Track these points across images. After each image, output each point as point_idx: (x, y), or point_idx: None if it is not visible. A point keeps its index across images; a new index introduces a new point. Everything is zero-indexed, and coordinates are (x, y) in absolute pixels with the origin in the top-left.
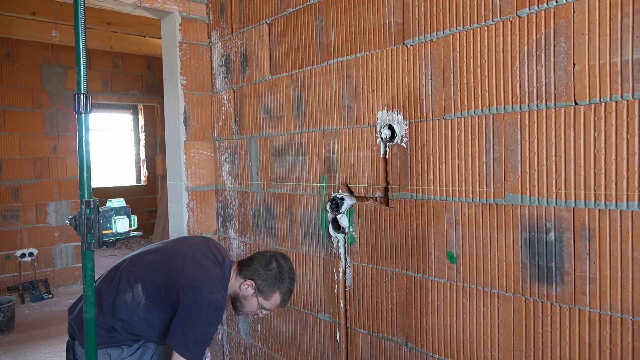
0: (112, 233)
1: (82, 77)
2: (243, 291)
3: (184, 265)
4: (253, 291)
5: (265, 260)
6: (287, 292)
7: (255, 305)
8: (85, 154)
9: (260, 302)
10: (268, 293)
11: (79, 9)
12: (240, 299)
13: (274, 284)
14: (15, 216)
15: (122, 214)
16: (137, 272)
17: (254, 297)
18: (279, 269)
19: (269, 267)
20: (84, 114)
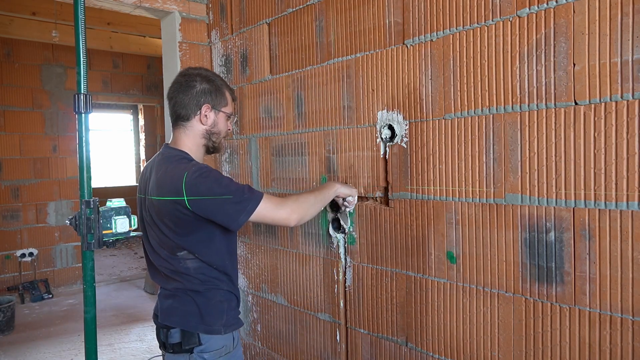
0: (112, 233)
1: (82, 77)
2: (206, 122)
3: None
4: (212, 111)
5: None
6: (224, 82)
7: (223, 121)
8: (85, 154)
9: (224, 112)
10: (221, 98)
11: (79, 9)
12: (212, 131)
13: (216, 88)
14: (15, 216)
15: (122, 214)
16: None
17: (218, 114)
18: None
19: (197, 83)
20: (84, 114)
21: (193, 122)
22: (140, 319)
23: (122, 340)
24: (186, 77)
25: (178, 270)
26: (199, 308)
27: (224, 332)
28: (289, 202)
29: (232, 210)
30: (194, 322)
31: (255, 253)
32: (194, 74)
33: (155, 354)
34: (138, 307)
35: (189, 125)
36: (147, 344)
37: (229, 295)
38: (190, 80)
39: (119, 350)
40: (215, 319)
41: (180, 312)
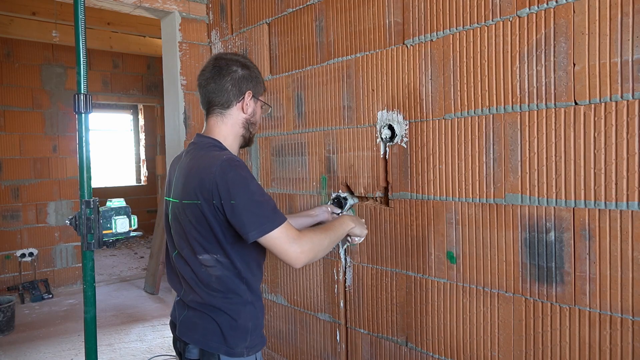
0: (112, 233)
1: (82, 77)
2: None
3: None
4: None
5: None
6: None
7: (259, 111)
8: (85, 154)
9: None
10: (260, 86)
11: (79, 9)
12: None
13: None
14: (15, 216)
15: (122, 214)
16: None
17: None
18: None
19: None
20: (84, 114)
21: (233, 109)
22: (140, 319)
23: (122, 340)
24: (225, 61)
25: (199, 279)
26: (222, 328)
27: (247, 354)
28: (305, 241)
29: (248, 221)
30: (215, 343)
31: None
32: (232, 59)
33: (155, 354)
34: (138, 307)
35: (228, 113)
36: (147, 344)
37: (253, 312)
38: (229, 64)
39: (119, 350)
40: (239, 341)
41: (201, 329)
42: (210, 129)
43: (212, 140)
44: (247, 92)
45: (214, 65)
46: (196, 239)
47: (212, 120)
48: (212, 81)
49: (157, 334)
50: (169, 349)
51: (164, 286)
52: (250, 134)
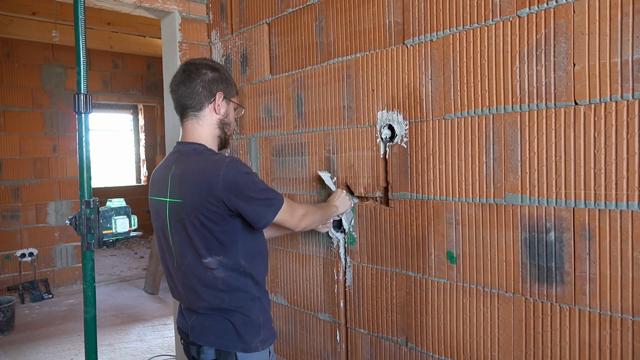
0: (112, 233)
1: (82, 77)
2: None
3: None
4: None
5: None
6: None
7: (232, 112)
8: (85, 154)
9: (235, 101)
10: (230, 88)
11: (79, 9)
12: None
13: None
14: (15, 216)
15: (122, 214)
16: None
17: (229, 104)
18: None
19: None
20: (84, 114)
21: (206, 111)
22: (140, 319)
23: (122, 340)
24: (194, 66)
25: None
26: (236, 326)
27: (262, 348)
28: (301, 210)
29: (261, 209)
30: (230, 342)
31: None
32: (201, 63)
33: (155, 354)
34: (138, 307)
35: (202, 115)
36: (147, 344)
37: (261, 306)
38: (199, 68)
39: (119, 350)
40: (253, 337)
41: (215, 330)
42: (189, 133)
43: (198, 145)
44: (218, 93)
45: (184, 69)
46: (201, 243)
47: (188, 124)
48: (183, 85)
49: (157, 334)
50: (169, 349)
51: (164, 286)
52: (225, 135)
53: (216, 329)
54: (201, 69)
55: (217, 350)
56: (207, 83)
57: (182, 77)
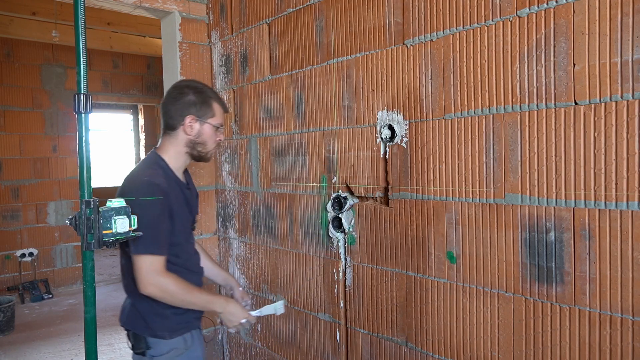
0: (112, 233)
1: (82, 77)
2: (191, 132)
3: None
4: (197, 122)
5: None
6: (215, 94)
7: (209, 131)
8: (85, 154)
9: (211, 123)
10: (207, 110)
11: (79, 9)
12: (197, 141)
13: (203, 100)
14: (15, 216)
15: (122, 214)
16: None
17: (203, 125)
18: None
19: (184, 95)
20: (84, 114)
21: (178, 131)
22: None
23: (122, 340)
24: (177, 89)
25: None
26: (143, 313)
27: (169, 337)
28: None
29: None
30: (140, 326)
31: (255, 253)
32: (183, 86)
33: None
34: None
35: (174, 134)
36: None
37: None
38: (179, 92)
39: (119, 350)
40: (159, 324)
41: (130, 315)
42: (161, 145)
43: (156, 156)
44: (188, 117)
45: (169, 91)
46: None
47: (163, 139)
48: (165, 105)
49: None
50: None
51: None
52: (198, 152)
53: (130, 313)
54: (180, 92)
55: (133, 334)
56: (180, 107)
57: (167, 98)
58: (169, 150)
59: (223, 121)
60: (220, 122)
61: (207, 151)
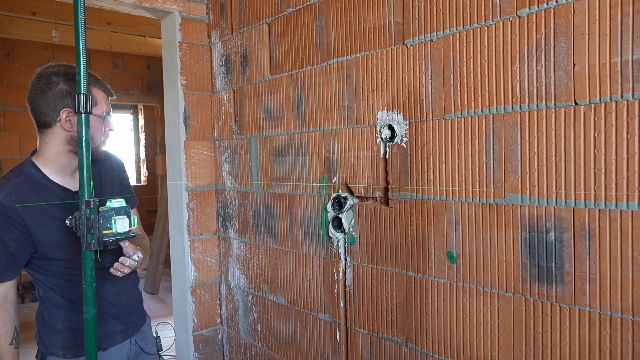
0: (112, 233)
1: (82, 77)
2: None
3: None
4: (74, 114)
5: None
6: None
7: (94, 124)
8: (85, 154)
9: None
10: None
11: (79, 9)
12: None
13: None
14: None
15: (122, 214)
16: None
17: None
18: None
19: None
20: (84, 114)
21: (55, 129)
22: None
23: None
24: (42, 79)
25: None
26: (38, 326)
27: (62, 355)
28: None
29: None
30: (39, 340)
31: (255, 253)
32: (50, 74)
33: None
34: None
35: (50, 132)
36: None
37: (67, 316)
38: (46, 81)
39: None
40: (51, 340)
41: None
42: (38, 148)
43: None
44: (64, 110)
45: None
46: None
47: (39, 140)
48: (32, 100)
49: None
50: (170, 349)
51: (164, 286)
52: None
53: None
54: (48, 82)
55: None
56: (51, 99)
57: (32, 91)
58: (46, 152)
59: (109, 108)
60: (106, 110)
61: (95, 146)
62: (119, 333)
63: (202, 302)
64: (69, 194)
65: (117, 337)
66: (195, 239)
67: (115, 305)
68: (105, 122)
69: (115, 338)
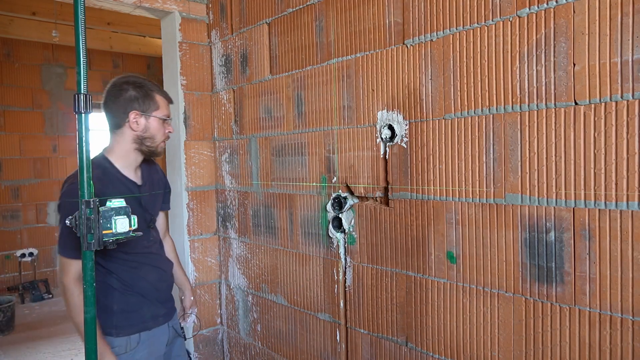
0: (112, 233)
1: (82, 77)
2: (137, 128)
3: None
4: (142, 117)
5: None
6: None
7: (156, 125)
8: (85, 154)
9: (156, 115)
10: (150, 103)
11: (79, 9)
12: (145, 136)
13: (144, 93)
14: (15, 216)
15: (122, 214)
16: None
17: (149, 119)
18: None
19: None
20: (84, 114)
21: (124, 129)
22: None
23: None
24: (115, 87)
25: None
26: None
27: (116, 334)
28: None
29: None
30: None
31: (255, 253)
32: (121, 82)
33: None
34: None
35: (120, 132)
36: None
37: (122, 298)
38: (118, 88)
39: None
40: (105, 321)
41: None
42: (109, 145)
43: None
44: (132, 112)
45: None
46: None
47: (111, 138)
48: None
49: None
50: None
51: None
52: (148, 147)
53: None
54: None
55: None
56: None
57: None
58: (115, 150)
59: (169, 112)
60: (166, 114)
61: (156, 145)
62: (161, 316)
63: (202, 302)
64: (136, 187)
65: (159, 319)
66: (195, 239)
67: (159, 291)
68: (166, 124)
69: (158, 320)
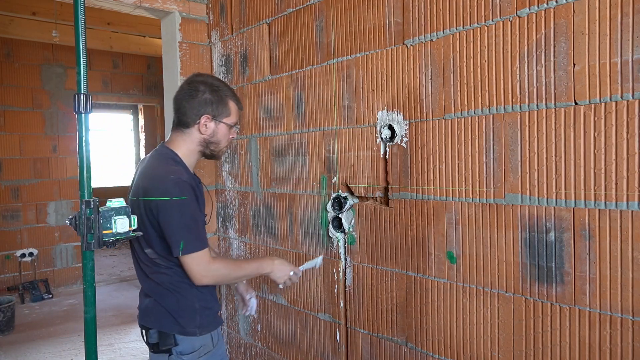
0: (112, 233)
1: (82, 77)
2: (205, 131)
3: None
4: (213, 121)
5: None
6: (230, 91)
7: (225, 131)
8: (85, 154)
9: (226, 122)
10: (223, 109)
11: (79, 9)
12: (211, 140)
13: (219, 98)
14: (15, 216)
15: (122, 214)
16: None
17: (219, 125)
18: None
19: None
20: (84, 114)
21: (192, 129)
22: None
23: (122, 340)
24: (192, 86)
25: (152, 269)
26: (170, 309)
27: (199, 333)
28: (213, 268)
29: (175, 240)
30: (168, 324)
31: (255, 253)
32: (198, 82)
33: None
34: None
35: (188, 131)
36: None
37: (200, 295)
38: (194, 88)
39: (119, 350)
40: (189, 321)
41: (155, 312)
42: (172, 141)
43: (170, 152)
44: (205, 116)
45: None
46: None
47: (175, 135)
48: (180, 101)
49: None
50: None
51: None
52: (211, 151)
53: (156, 311)
54: (196, 89)
55: (159, 332)
56: (195, 105)
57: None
58: (182, 147)
59: (238, 119)
60: (235, 121)
61: (219, 150)
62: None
63: None
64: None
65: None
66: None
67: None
68: (232, 130)
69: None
